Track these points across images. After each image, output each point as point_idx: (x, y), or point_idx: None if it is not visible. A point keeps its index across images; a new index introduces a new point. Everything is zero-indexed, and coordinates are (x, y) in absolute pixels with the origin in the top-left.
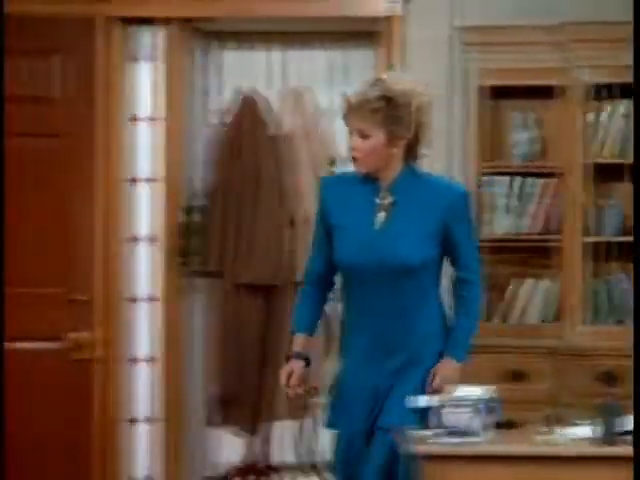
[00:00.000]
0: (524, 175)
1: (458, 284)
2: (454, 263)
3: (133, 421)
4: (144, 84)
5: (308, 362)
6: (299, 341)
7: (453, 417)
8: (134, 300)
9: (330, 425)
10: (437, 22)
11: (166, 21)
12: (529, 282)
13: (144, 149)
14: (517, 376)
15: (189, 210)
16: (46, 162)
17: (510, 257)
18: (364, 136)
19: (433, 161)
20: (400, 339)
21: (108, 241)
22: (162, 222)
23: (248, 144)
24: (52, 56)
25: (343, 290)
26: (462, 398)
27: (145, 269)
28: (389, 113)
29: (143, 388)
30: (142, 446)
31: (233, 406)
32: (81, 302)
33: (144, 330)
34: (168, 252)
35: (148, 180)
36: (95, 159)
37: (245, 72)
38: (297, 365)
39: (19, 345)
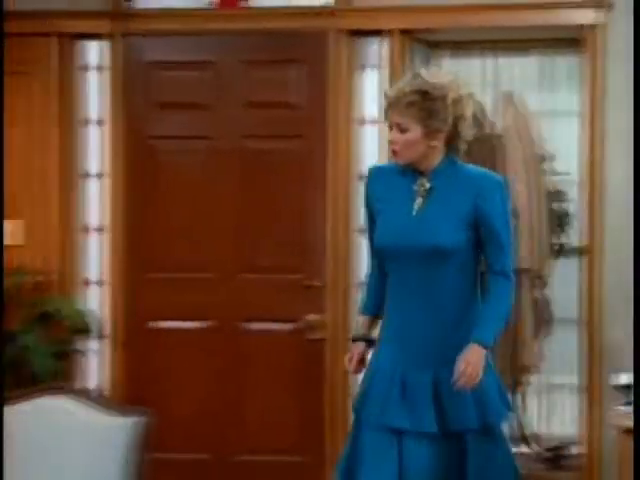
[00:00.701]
0: None
1: (487, 276)
2: (484, 254)
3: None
4: (370, 90)
5: (371, 343)
6: (361, 323)
7: None
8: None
9: (356, 410)
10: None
11: (389, 32)
12: None
13: (369, 149)
14: None
15: None
16: (285, 161)
17: None
18: (402, 130)
19: None
20: (432, 326)
21: (337, 231)
22: None
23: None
24: (290, 65)
25: (387, 276)
26: None
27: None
28: (424, 107)
29: None
30: None
31: None
32: (315, 287)
33: None
34: None
35: None
36: (327, 158)
37: (461, 78)
38: (357, 349)
39: (259, 325)
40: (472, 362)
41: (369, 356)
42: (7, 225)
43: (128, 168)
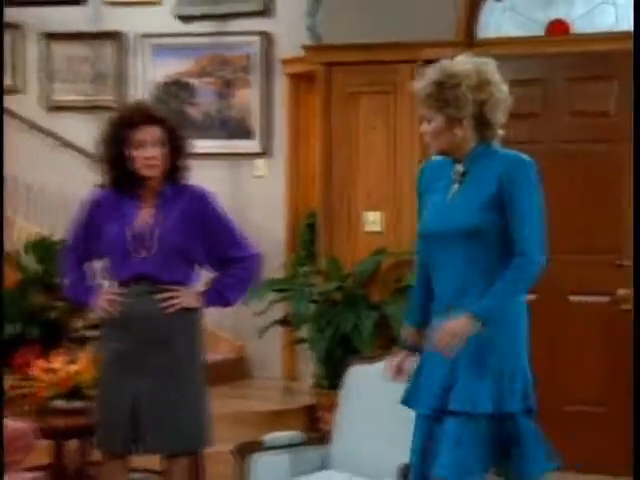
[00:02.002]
0: None
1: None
2: (509, 233)
3: None
4: None
5: (415, 350)
6: (408, 332)
7: None
8: None
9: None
10: None
11: None
12: None
13: None
14: None
15: None
16: (599, 160)
17: None
18: (428, 120)
19: None
20: (462, 309)
21: None
22: None
23: None
24: (603, 81)
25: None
26: None
27: None
28: (441, 97)
29: None
30: None
31: None
32: (626, 266)
33: None
34: None
35: None
36: (631, 156)
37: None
38: (400, 356)
39: (577, 298)
40: (448, 330)
41: (411, 364)
42: (369, 215)
43: None
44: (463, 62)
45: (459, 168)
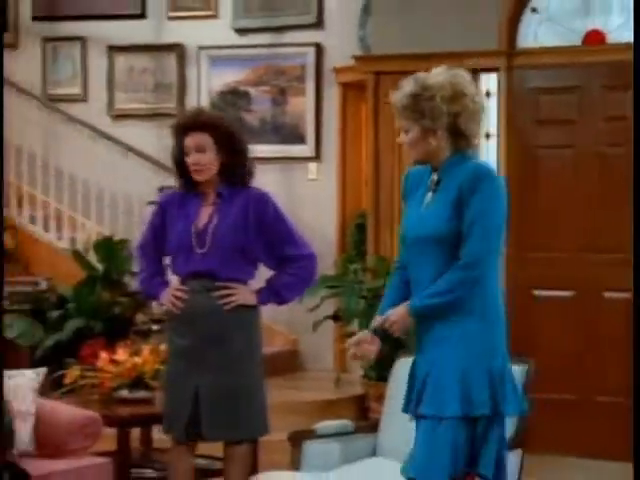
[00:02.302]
0: None
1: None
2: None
3: None
4: None
5: (382, 337)
6: (378, 321)
7: None
8: None
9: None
10: None
11: None
12: None
13: None
14: None
15: None
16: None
17: None
18: (405, 131)
19: None
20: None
21: None
22: None
23: None
24: None
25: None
26: None
27: None
28: (416, 108)
29: None
30: None
31: None
32: None
33: None
34: None
35: None
36: None
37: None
38: (364, 334)
39: (611, 294)
40: (390, 318)
41: (376, 346)
42: None
43: (514, 170)
44: (438, 74)
45: (434, 177)
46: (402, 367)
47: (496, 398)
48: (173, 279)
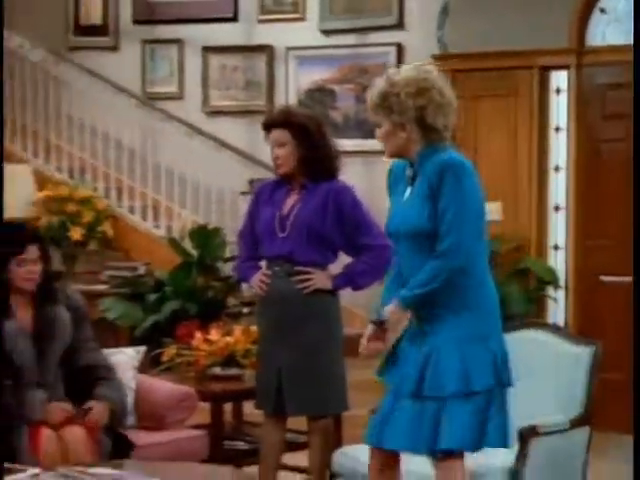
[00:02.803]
0: None
1: None
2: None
3: None
4: None
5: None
6: (380, 310)
7: None
8: None
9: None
10: None
11: None
12: None
13: None
14: None
15: None
16: None
17: None
18: (379, 126)
19: None
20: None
21: None
22: None
23: None
24: None
25: None
26: None
27: None
28: (385, 104)
29: None
30: None
31: None
32: None
33: None
34: None
35: None
36: None
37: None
38: (370, 331)
39: None
40: (384, 314)
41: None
42: (490, 206)
43: (581, 163)
44: (405, 71)
45: (409, 172)
46: None
47: (499, 375)
48: (264, 264)
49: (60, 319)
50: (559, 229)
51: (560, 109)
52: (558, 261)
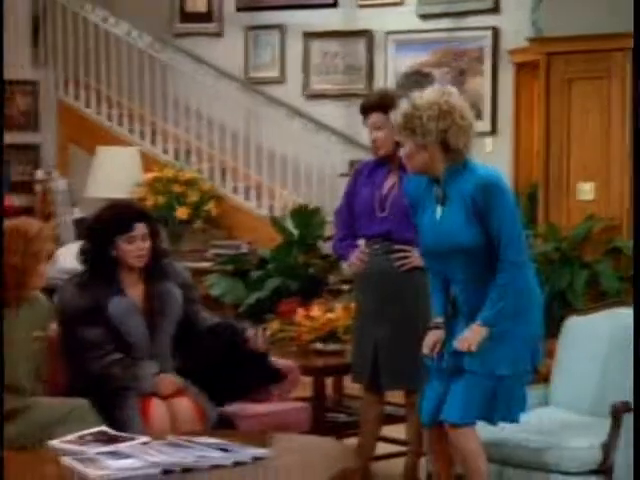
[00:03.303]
0: None
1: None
2: (494, 243)
3: None
4: None
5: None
6: (437, 319)
7: None
8: None
9: None
10: None
11: None
12: None
13: None
14: None
15: None
16: None
17: None
18: (402, 145)
19: None
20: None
21: None
22: None
23: None
24: None
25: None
26: None
27: None
28: (407, 126)
29: None
30: None
31: None
32: None
33: None
34: None
35: None
36: None
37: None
38: (432, 336)
39: None
40: (467, 338)
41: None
42: (583, 186)
43: None
44: (428, 94)
45: (438, 191)
46: (572, 325)
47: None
48: (361, 242)
49: (171, 295)
50: None
51: None
52: None
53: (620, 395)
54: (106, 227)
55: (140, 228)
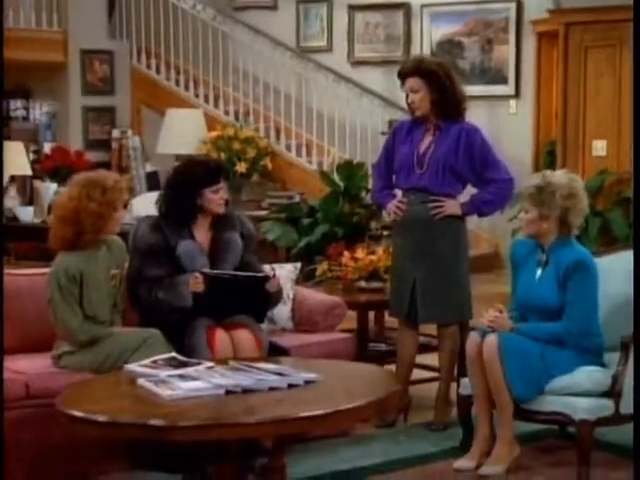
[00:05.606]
0: None
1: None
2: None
3: None
4: None
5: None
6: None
7: None
8: None
9: None
10: None
11: None
12: None
13: None
14: None
15: None
16: None
17: None
18: (526, 211)
19: None
20: None
21: None
22: None
23: None
24: None
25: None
26: None
27: None
28: (539, 198)
29: None
30: None
31: None
32: None
33: None
34: None
35: None
36: None
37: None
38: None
39: None
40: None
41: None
42: (597, 143)
43: None
44: (560, 175)
45: (542, 257)
46: None
47: None
48: (398, 193)
49: (234, 243)
50: None
51: None
52: None
53: (628, 330)
54: (197, 180)
55: (223, 181)
